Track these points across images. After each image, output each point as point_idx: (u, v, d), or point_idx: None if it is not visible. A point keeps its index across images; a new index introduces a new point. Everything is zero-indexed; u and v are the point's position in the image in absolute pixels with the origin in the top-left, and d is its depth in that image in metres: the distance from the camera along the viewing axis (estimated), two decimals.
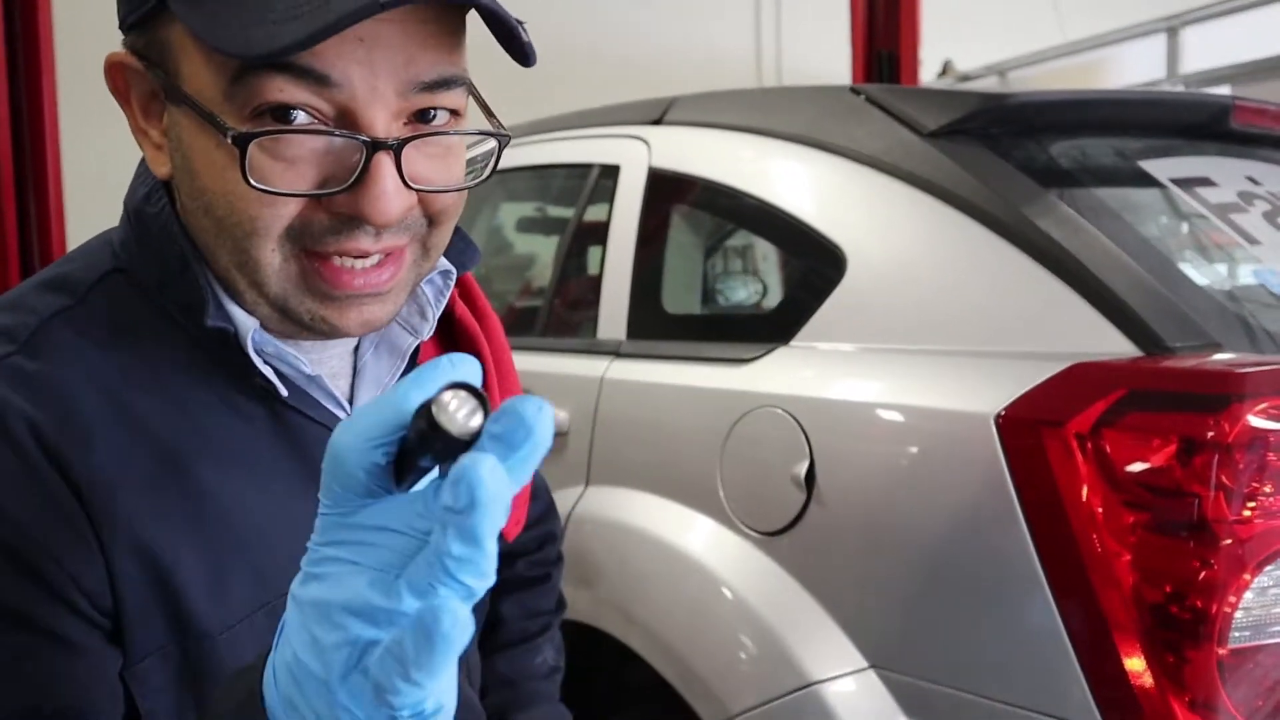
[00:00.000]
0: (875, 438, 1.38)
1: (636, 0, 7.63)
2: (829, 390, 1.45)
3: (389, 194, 0.73)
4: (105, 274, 0.81)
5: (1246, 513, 1.12)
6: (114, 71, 0.79)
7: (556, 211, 2.56)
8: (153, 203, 0.81)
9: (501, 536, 0.97)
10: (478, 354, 1.01)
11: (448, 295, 0.92)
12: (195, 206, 0.77)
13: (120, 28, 0.78)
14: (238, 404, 0.81)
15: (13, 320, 0.77)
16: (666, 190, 1.92)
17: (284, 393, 0.82)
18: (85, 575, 0.72)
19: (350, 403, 0.89)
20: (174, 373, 0.79)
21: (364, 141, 0.72)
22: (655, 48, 7.60)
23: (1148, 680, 1.14)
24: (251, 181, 0.71)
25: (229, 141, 0.71)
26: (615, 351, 1.85)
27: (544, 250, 2.77)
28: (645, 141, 1.98)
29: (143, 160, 0.83)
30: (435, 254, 0.84)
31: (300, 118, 0.71)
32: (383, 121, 0.73)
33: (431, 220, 0.80)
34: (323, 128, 0.72)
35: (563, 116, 2.38)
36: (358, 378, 0.91)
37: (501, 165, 2.54)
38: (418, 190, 0.76)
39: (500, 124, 0.82)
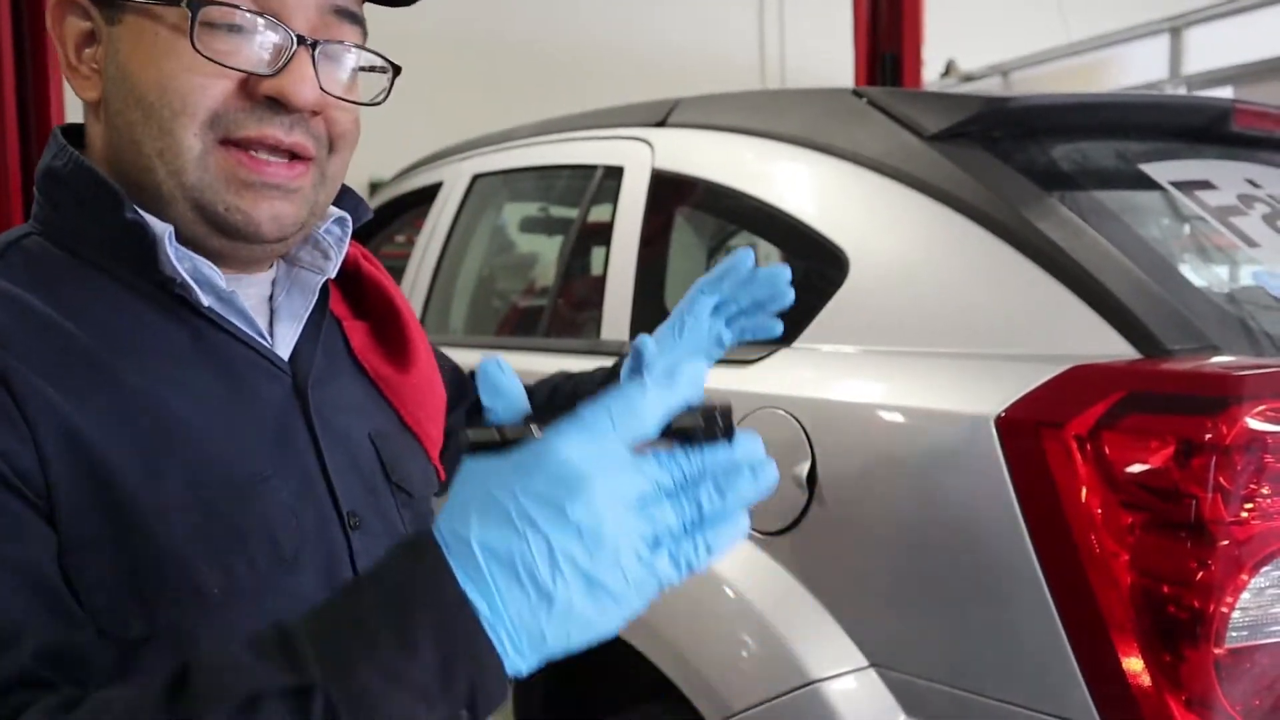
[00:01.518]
0: (876, 439, 1.39)
1: (642, 3, 7.65)
2: (830, 391, 1.46)
3: (309, 79, 0.85)
4: (20, 236, 0.89)
5: (1244, 514, 1.13)
6: (56, 11, 0.89)
7: (560, 212, 2.57)
8: (61, 158, 0.89)
9: None
10: (392, 304, 1.10)
11: (347, 239, 1.01)
12: (125, 108, 0.85)
13: None
14: (162, 326, 0.88)
15: None
16: (670, 192, 1.93)
17: (204, 302, 0.88)
18: (19, 455, 0.75)
19: (269, 338, 0.95)
20: (96, 303, 0.86)
21: (293, 35, 0.85)
22: (659, 49, 7.61)
23: (1145, 680, 1.15)
24: (198, 47, 0.82)
25: (184, 7, 0.82)
26: (619, 353, 1.86)
27: (548, 251, 2.78)
28: (649, 143, 1.99)
29: (49, 143, 0.93)
30: (332, 185, 0.95)
31: (240, 21, 0.84)
32: (302, 29, 0.86)
33: (331, 145, 0.92)
34: (260, 12, 0.84)
35: (567, 118, 2.39)
36: (274, 317, 0.98)
37: (507, 165, 2.55)
38: (326, 94, 0.88)
39: (390, 60, 0.95)
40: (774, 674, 1.44)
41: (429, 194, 2.78)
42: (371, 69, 0.94)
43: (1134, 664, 1.15)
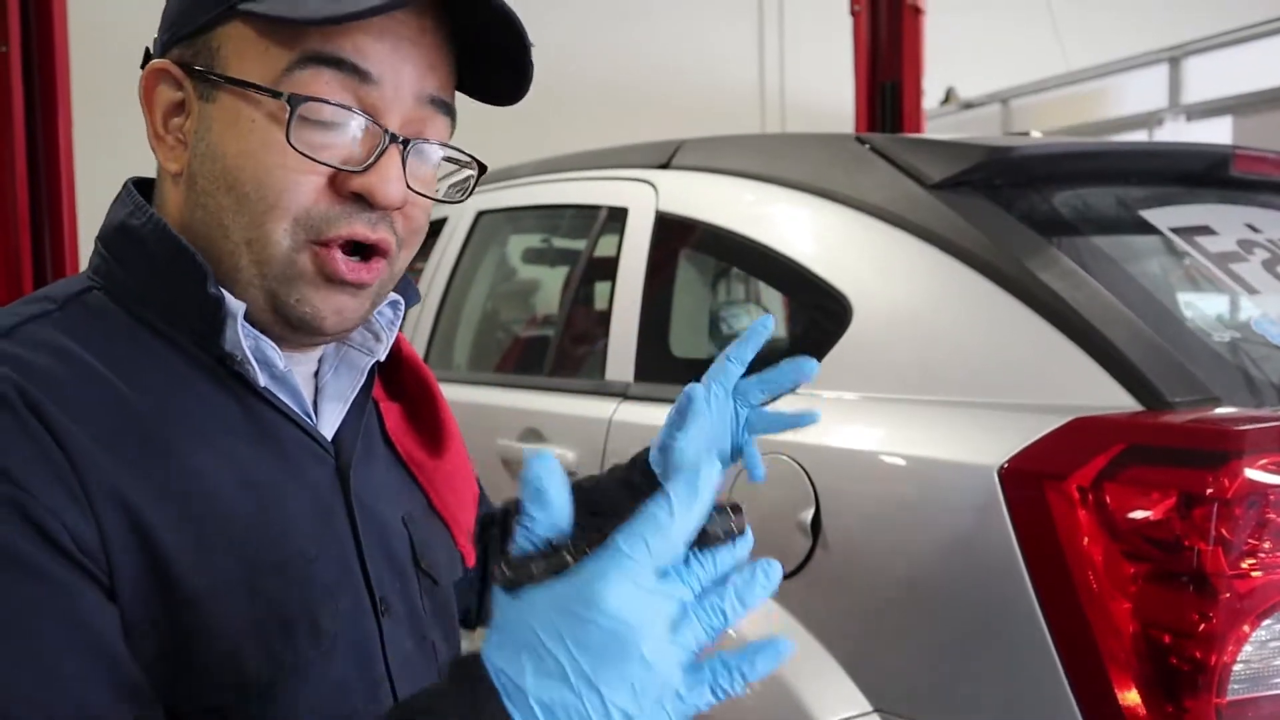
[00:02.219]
0: (880, 486, 1.41)
1: (641, 32, 7.68)
2: (835, 438, 1.47)
3: (396, 179, 0.86)
4: (84, 289, 0.88)
5: (1245, 566, 1.14)
6: (150, 78, 0.88)
7: (566, 252, 2.59)
8: (137, 216, 0.89)
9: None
10: (428, 387, 1.11)
11: (399, 323, 1.01)
12: (214, 189, 0.85)
13: (162, 44, 0.89)
14: (216, 399, 0.87)
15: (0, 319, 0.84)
16: (674, 234, 1.95)
17: (261, 380, 0.88)
18: (83, 533, 0.75)
19: (314, 416, 0.95)
20: (154, 369, 0.85)
21: (385, 131, 0.85)
22: (659, 78, 7.64)
23: None
24: (293, 142, 0.82)
25: (284, 102, 0.82)
26: (623, 394, 1.87)
27: (553, 289, 2.79)
28: (653, 185, 2.00)
29: (119, 195, 0.93)
30: (394, 278, 0.95)
31: (338, 117, 0.84)
32: (396, 124, 0.86)
33: (401, 241, 0.91)
34: (355, 109, 0.84)
35: (571, 156, 2.41)
36: (320, 395, 0.97)
37: (512, 204, 2.56)
38: (412, 190, 0.88)
39: (474, 162, 0.95)
40: (779, 718, 1.45)
41: (433, 229, 2.80)
42: (455, 162, 0.94)
43: (1136, 713, 1.16)
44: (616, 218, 2.07)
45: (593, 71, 7.36)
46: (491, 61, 0.90)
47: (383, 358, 1.00)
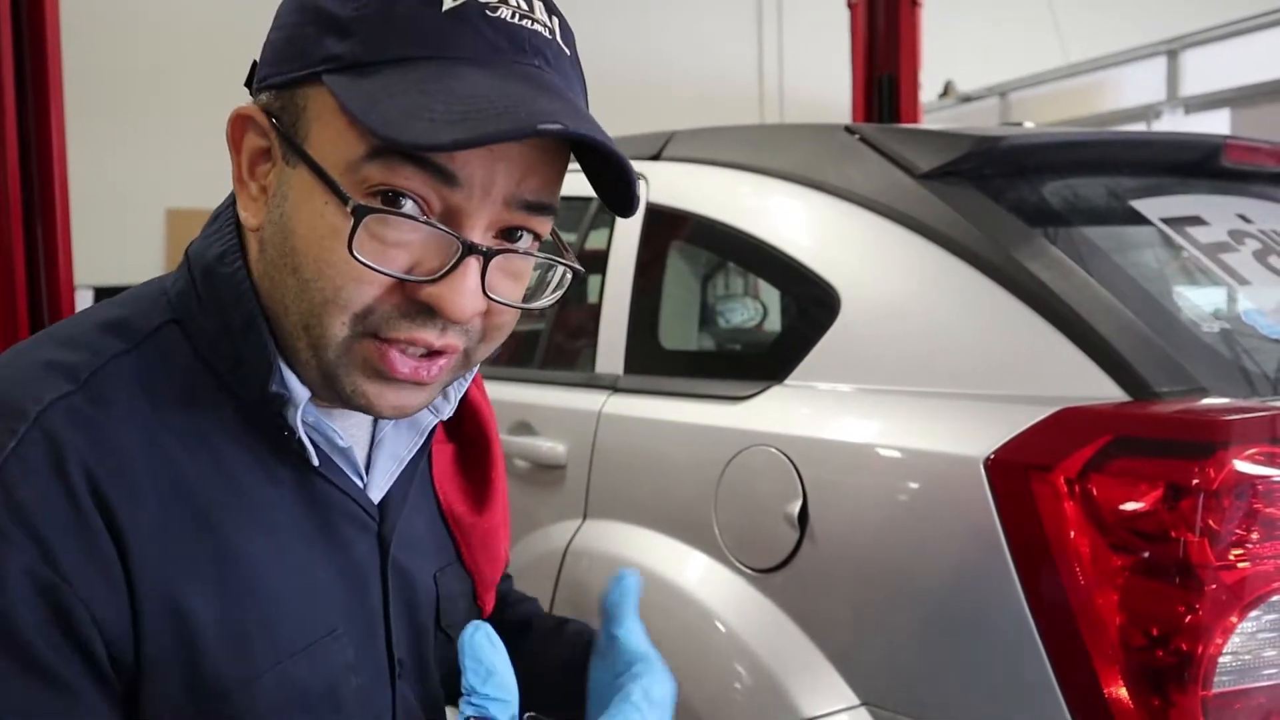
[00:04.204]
0: (867, 478, 1.40)
1: (640, 25, 7.67)
2: (822, 430, 1.47)
3: (470, 292, 0.77)
4: (162, 324, 0.85)
5: (1232, 557, 1.13)
6: (237, 122, 0.83)
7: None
8: (227, 263, 0.84)
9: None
10: (485, 435, 1.06)
11: (469, 381, 0.97)
12: (281, 263, 0.80)
13: (254, 83, 0.83)
14: (270, 466, 0.85)
15: (74, 358, 0.80)
16: (664, 226, 1.94)
17: (316, 461, 0.85)
18: (112, 624, 0.75)
19: (366, 471, 0.92)
20: (214, 430, 0.83)
21: (463, 242, 0.77)
22: (657, 71, 7.64)
23: None
24: (354, 253, 0.75)
25: (348, 209, 0.75)
26: (613, 386, 1.87)
27: None
28: (643, 176, 2.00)
29: (219, 214, 0.88)
30: (474, 365, 0.88)
31: (409, 207, 0.76)
32: (481, 228, 0.78)
33: (484, 334, 0.84)
34: (433, 221, 0.76)
35: None
36: (375, 449, 0.94)
37: None
38: (490, 299, 0.80)
39: (573, 257, 0.87)
40: (766, 711, 1.44)
41: None
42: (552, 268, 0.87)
43: (1123, 705, 1.15)
44: (607, 209, 2.06)
45: (591, 64, 7.34)
46: (603, 167, 0.81)
47: (447, 417, 0.96)
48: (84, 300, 3.94)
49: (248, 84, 0.85)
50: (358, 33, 0.76)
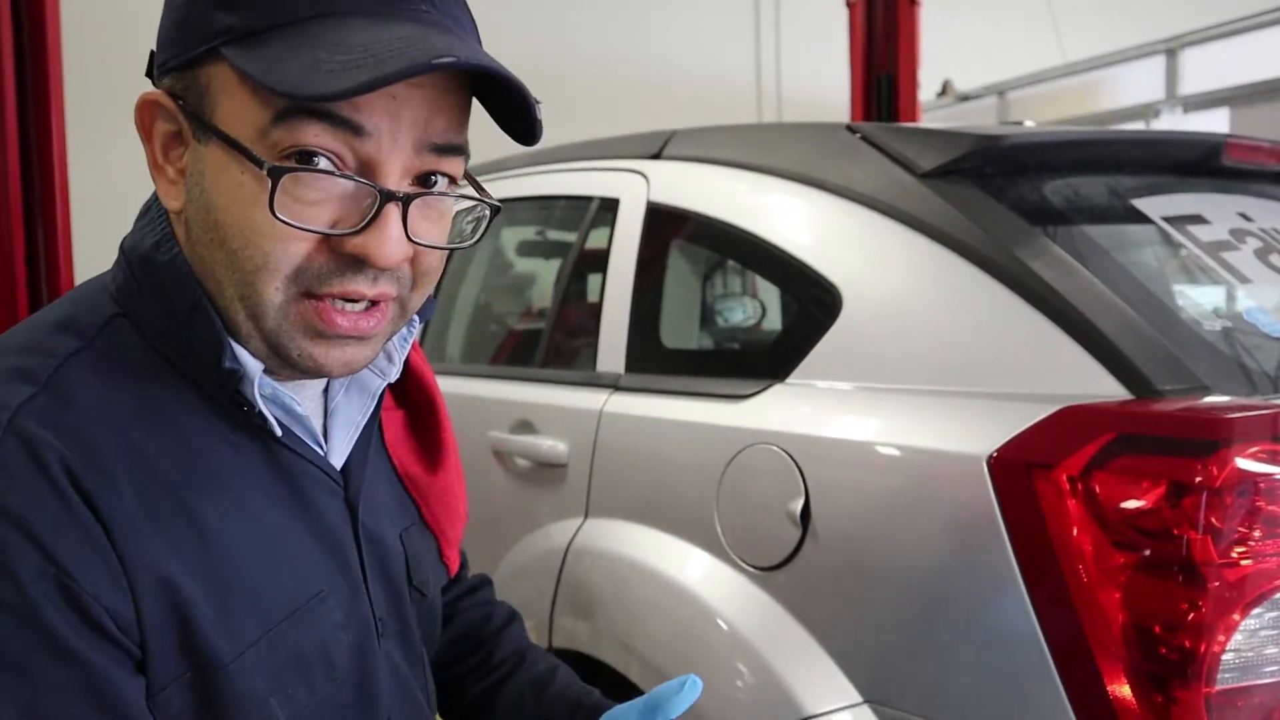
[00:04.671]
0: (869, 476, 1.40)
1: (637, 24, 7.66)
2: (824, 428, 1.47)
3: (394, 239, 0.81)
4: (110, 318, 0.87)
5: (1235, 555, 1.13)
6: (145, 110, 0.85)
7: (558, 243, 2.58)
8: (163, 251, 0.86)
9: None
10: (431, 398, 1.10)
11: (411, 342, 1.00)
12: (208, 239, 0.82)
13: (155, 71, 0.86)
14: (234, 442, 0.88)
15: (31, 362, 0.82)
16: (665, 225, 1.94)
17: (279, 431, 0.88)
18: (120, 611, 0.78)
19: (324, 444, 0.96)
20: (176, 414, 0.85)
21: (380, 190, 0.80)
22: (655, 71, 7.63)
23: (1136, 718, 1.15)
24: (276, 213, 0.78)
25: (264, 173, 0.77)
26: (614, 385, 1.87)
27: (543, 281, 2.79)
28: (644, 175, 2.00)
29: (149, 207, 0.90)
30: (410, 313, 0.91)
31: (323, 164, 0.79)
32: (396, 175, 0.81)
33: (414, 281, 0.88)
34: (347, 173, 0.80)
35: (562, 148, 2.40)
36: (330, 418, 0.97)
37: (502, 195, 2.57)
38: (415, 243, 0.83)
39: (490, 196, 0.90)
40: (768, 709, 1.44)
41: None
42: (470, 208, 0.91)
43: (1126, 703, 1.16)
44: (608, 208, 2.06)
45: (589, 64, 7.34)
46: (504, 99, 0.84)
47: (395, 378, 0.99)
48: None
49: (149, 73, 0.87)
50: (246, 2, 0.79)
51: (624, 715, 1.02)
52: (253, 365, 0.85)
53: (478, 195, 0.90)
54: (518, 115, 0.85)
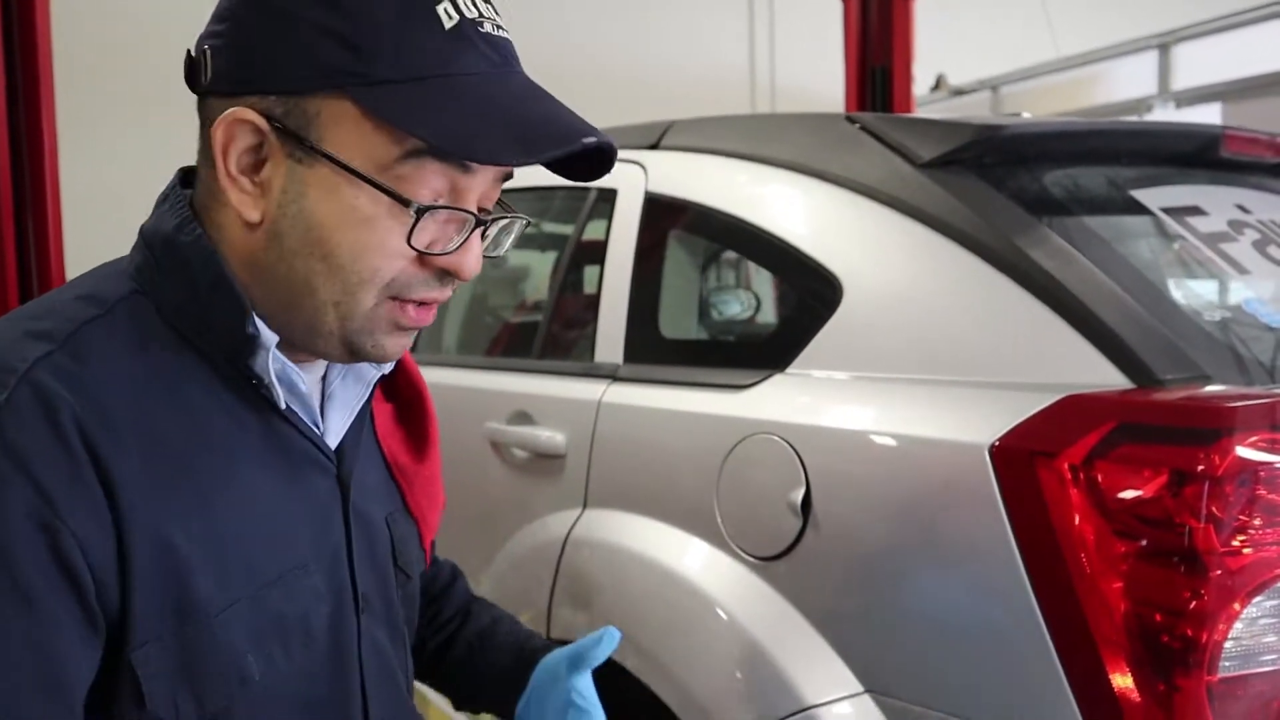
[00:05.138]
0: (871, 466, 1.40)
1: (631, 18, 7.65)
2: (825, 418, 1.47)
3: (478, 257, 0.95)
4: (130, 293, 0.93)
5: (1236, 544, 1.14)
6: (231, 126, 0.89)
7: (555, 233, 2.58)
8: (186, 232, 0.93)
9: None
10: (419, 392, 1.19)
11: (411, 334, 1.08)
12: (307, 252, 0.90)
13: (234, 81, 0.90)
14: (238, 415, 0.95)
15: (50, 325, 0.88)
16: (663, 215, 1.94)
17: (283, 403, 0.96)
18: (100, 563, 0.83)
19: (321, 425, 1.03)
20: (186, 384, 0.92)
21: (473, 218, 0.92)
22: (649, 62, 7.62)
23: (1139, 708, 1.16)
24: (412, 245, 0.89)
25: (410, 210, 0.87)
26: (613, 375, 1.87)
27: (540, 272, 2.78)
28: (642, 166, 1.99)
29: (168, 194, 0.97)
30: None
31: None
32: (474, 200, 0.93)
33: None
34: (464, 208, 0.91)
35: None
36: (327, 402, 1.04)
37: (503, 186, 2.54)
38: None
39: (528, 219, 1.03)
40: (768, 699, 1.44)
41: None
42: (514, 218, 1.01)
43: (1128, 692, 1.16)
44: (605, 199, 2.06)
45: (582, 57, 7.33)
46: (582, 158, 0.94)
47: (389, 370, 1.07)
48: None
49: (190, 80, 0.93)
50: (373, 52, 0.86)
51: (554, 663, 1.22)
52: (269, 336, 0.92)
53: (518, 215, 1.00)
54: (592, 165, 0.96)
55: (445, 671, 1.33)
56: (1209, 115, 5.87)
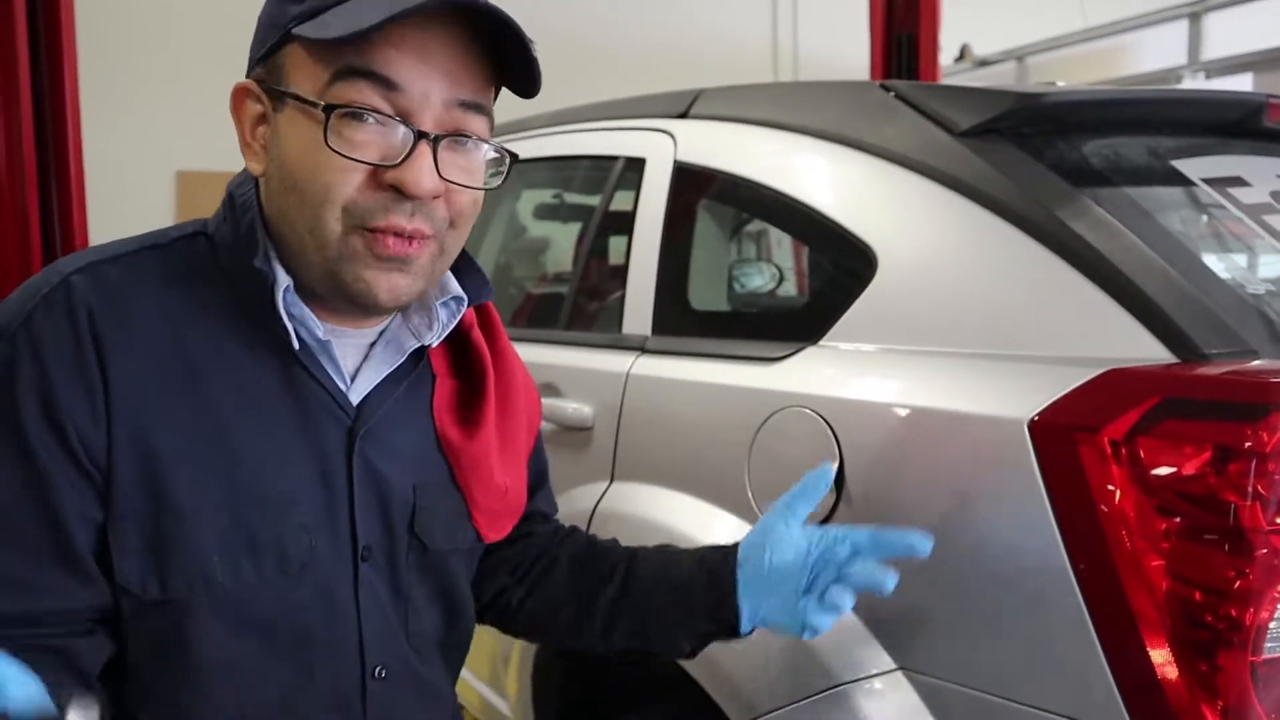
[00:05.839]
0: (905, 440, 1.38)
1: None
2: (859, 391, 1.45)
3: (427, 170, 0.99)
4: (191, 233, 1.10)
5: None
6: (237, 96, 1.06)
7: (580, 203, 2.56)
8: (243, 191, 1.08)
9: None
10: (483, 377, 1.24)
11: (459, 317, 1.16)
12: (283, 188, 1.02)
13: (250, 63, 1.06)
14: (258, 349, 1.06)
15: (113, 249, 1.05)
16: (692, 185, 1.91)
17: (296, 345, 1.05)
18: (92, 441, 0.98)
19: (352, 379, 1.12)
20: (217, 311, 1.05)
21: (413, 130, 0.99)
22: (671, 31, 7.57)
23: (1180, 688, 1.13)
24: (329, 144, 0.97)
25: (320, 110, 0.97)
26: (641, 347, 1.85)
27: (569, 242, 2.76)
28: (671, 135, 1.97)
29: (244, 171, 1.10)
30: (449, 257, 1.09)
31: (369, 119, 0.99)
32: (429, 124, 1.00)
33: (452, 223, 1.06)
34: (386, 112, 0.99)
35: (586, 107, 2.37)
36: (365, 363, 1.13)
37: (526, 155, 2.55)
38: (446, 180, 1.02)
39: (508, 151, 1.09)
40: (801, 676, 1.43)
41: None
42: (492, 156, 1.08)
43: (1169, 672, 1.14)
44: (634, 168, 2.04)
45: (603, 26, 7.28)
46: (512, 64, 1.04)
47: (430, 344, 1.15)
48: None
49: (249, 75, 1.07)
50: None
51: (772, 523, 1.25)
52: (282, 276, 1.03)
53: (496, 146, 1.06)
54: (520, 64, 1.03)
55: (636, 617, 1.31)
56: (1240, 85, 5.79)
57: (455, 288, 1.16)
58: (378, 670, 1.15)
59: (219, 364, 1.04)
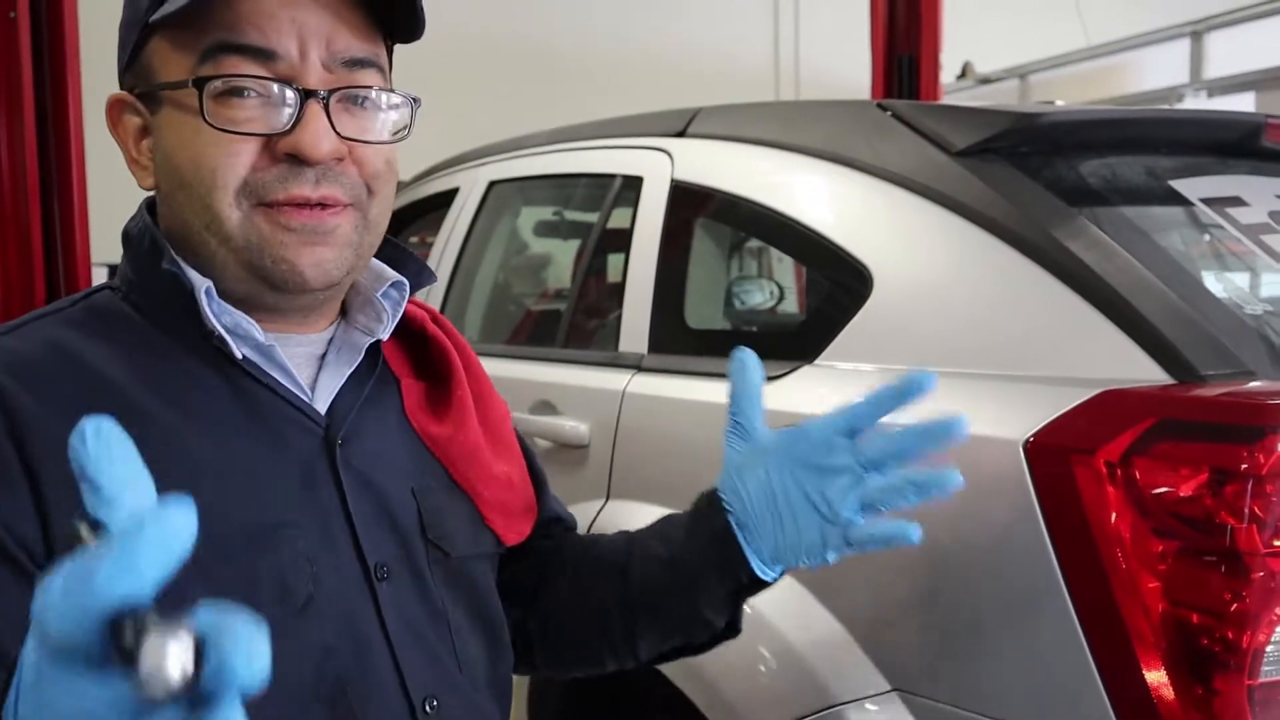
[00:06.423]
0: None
1: (656, 5, 7.62)
2: None
3: (319, 131, 0.90)
4: (95, 290, 0.99)
5: (1279, 544, 1.11)
6: (111, 111, 0.98)
7: (578, 221, 2.56)
8: (135, 221, 1.00)
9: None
10: (450, 370, 1.14)
11: (403, 304, 1.06)
12: (173, 188, 0.93)
13: (120, 76, 0.98)
14: (195, 373, 0.94)
15: (7, 325, 0.95)
16: (689, 203, 1.91)
17: (238, 354, 0.94)
18: (18, 524, 0.83)
19: (313, 389, 1.01)
20: (141, 351, 0.94)
21: (299, 91, 0.91)
22: (673, 50, 7.59)
23: (1176, 710, 1.13)
24: (207, 119, 0.88)
25: (190, 86, 0.89)
26: (637, 365, 1.84)
27: (565, 260, 2.77)
28: (668, 154, 1.97)
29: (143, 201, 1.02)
30: (376, 228, 0.99)
31: (249, 93, 0.90)
32: (314, 84, 0.91)
33: (369, 188, 0.97)
34: (263, 75, 0.90)
35: (585, 125, 2.38)
36: (321, 371, 1.03)
37: (524, 173, 2.55)
38: (346, 139, 0.93)
39: (408, 96, 1.00)
40: (796, 696, 1.42)
41: (445, 199, 2.77)
42: (394, 106, 0.98)
43: (1165, 695, 1.13)
44: (631, 186, 2.04)
45: (606, 43, 7.30)
46: (392, 9, 0.95)
47: (383, 337, 1.05)
48: (99, 276, 3.93)
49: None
50: None
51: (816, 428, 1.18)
52: (198, 279, 0.92)
53: (393, 93, 0.97)
54: (402, 7, 0.94)
55: (648, 594, 1.17)
56: (1242, 104, 5.80)
57: (393, 274, 1.06)
58: (427, 704, 1.00)
59: (158, 401, 0.91)
